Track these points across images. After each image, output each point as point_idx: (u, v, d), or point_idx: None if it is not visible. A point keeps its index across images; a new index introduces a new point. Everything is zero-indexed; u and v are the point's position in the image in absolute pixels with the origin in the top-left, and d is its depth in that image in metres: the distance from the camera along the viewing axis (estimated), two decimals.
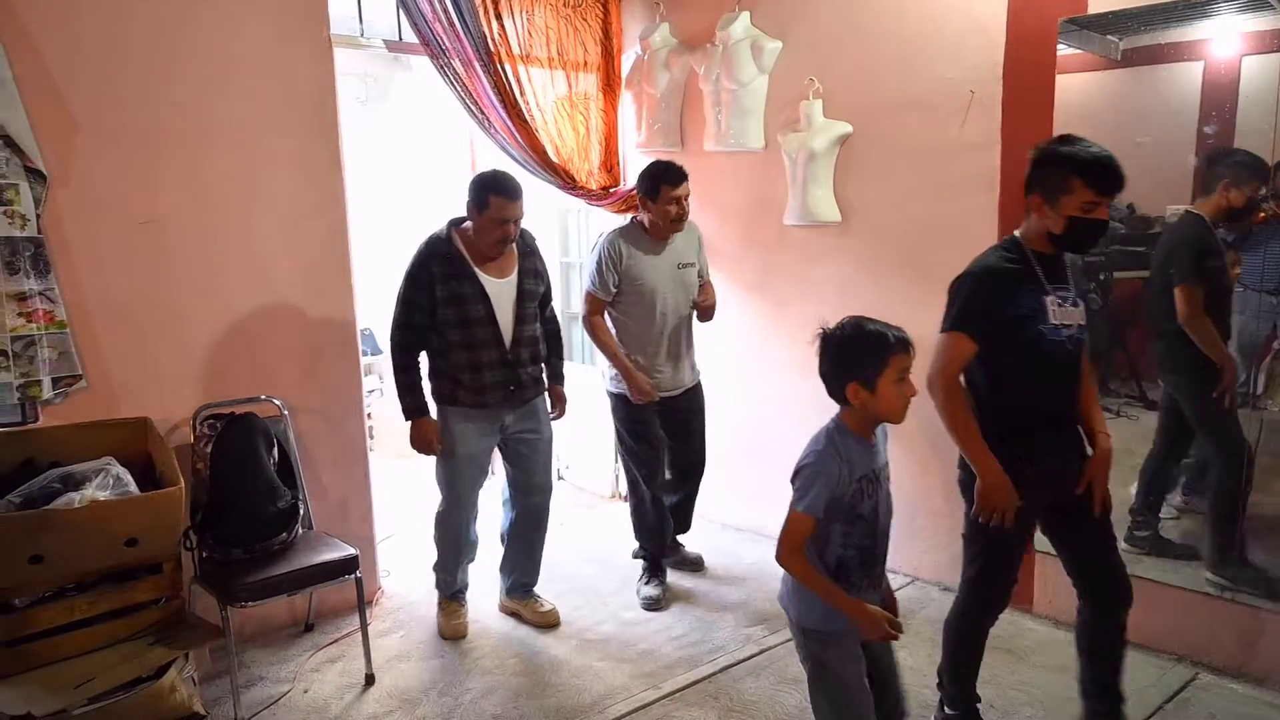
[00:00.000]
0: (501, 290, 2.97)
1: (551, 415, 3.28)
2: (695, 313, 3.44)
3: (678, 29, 4.02)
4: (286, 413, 3.14)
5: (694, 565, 3.74)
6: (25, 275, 2.60)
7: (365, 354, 4.01)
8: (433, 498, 3.20)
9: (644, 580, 3.50)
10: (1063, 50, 2.88)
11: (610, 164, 4.14)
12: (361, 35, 3.55)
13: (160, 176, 2.87)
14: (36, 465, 2.55)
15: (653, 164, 3.31)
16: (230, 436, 2.86)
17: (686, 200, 3.29)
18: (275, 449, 2.99)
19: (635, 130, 4.21)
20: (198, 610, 2.77)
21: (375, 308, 4.02)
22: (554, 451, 3.33)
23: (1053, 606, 3.11)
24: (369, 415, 3.88)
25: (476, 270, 2.93)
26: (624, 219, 4.28)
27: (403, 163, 5.36)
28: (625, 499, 4.52)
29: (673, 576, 3.63)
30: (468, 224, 2.96)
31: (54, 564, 2.37)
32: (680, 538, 3.79)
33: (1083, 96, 2.93)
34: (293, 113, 3.13)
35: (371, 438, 3.77)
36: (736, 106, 3.74)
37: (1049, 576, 3.08)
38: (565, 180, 3.90)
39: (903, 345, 1.89)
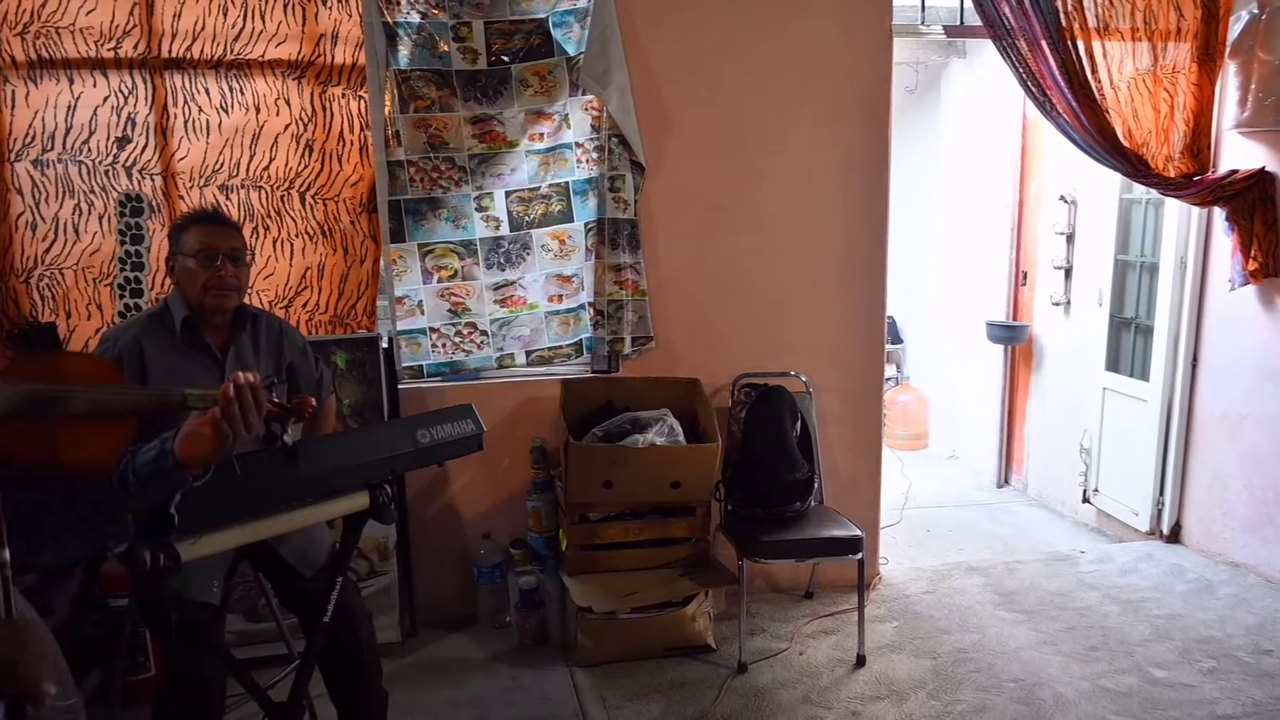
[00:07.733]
0: None
1: None
2: None
3: None
4: (811, 390, 3.32)
5: None
6: (622, 250, 3.14)
7: (886, 341, 4.05)
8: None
9: None
10: None
11: (1197, 147, 3.52)
12: (921, 23, 3.54)
13: (729, 168, 3.23)
14: (614, 407, 3.09)
15: None
16: (762, 405, 3.12)
17: None
18: (798, 423, 3.18)
19: (1236, 106, 3.51)
20: (719, 557, 3.11)
21: (901, 297, 4.03)
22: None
23: None
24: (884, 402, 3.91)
25: None
26: (1202, 212, 3.65)
27: (948, 152, 5.24)
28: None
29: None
30: None
31: (619, 491, 2.88)
32: None
33: None
34: (848, 106, 3.26)
35: (884, 424, 3.81)
36: None
37: None
38: (1136, 166, 3.43)
39: None
